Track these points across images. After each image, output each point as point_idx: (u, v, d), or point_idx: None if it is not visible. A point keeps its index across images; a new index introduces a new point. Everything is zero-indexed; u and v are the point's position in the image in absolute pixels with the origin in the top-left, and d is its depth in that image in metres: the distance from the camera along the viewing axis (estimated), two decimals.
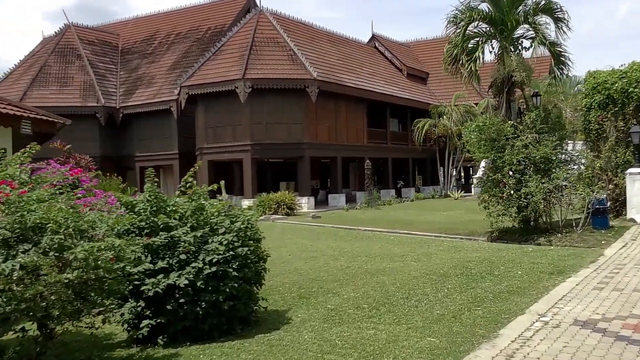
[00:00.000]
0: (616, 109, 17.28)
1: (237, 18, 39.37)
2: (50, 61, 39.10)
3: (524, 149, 15.18)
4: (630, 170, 16.72)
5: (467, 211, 23.38)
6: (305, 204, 31.19)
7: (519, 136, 15.53)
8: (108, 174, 35.61)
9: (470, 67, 15.74)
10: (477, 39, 16.15)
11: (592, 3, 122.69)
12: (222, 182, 29.35)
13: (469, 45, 16.27)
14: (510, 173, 15.12)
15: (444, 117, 38.07)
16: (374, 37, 47.43)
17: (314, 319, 7.56)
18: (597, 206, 15.01)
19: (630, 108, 17.16)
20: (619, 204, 17.17)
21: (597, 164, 16.77)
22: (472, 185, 33.61)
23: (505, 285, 9.15)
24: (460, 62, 16.09)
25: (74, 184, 7.54)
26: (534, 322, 6.93)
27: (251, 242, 7.23)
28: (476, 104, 37.55)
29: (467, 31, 16.23)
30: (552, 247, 13.27)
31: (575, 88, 35.89)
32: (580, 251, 12.48)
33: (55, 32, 42.64)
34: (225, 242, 6.85)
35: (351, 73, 36.94)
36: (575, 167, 16.23)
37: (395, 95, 39.69)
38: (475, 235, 16.94)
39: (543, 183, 14.73)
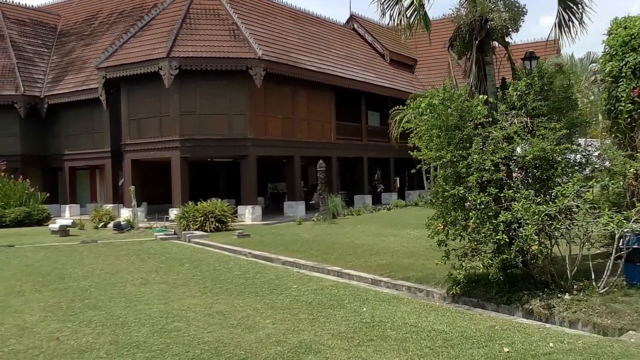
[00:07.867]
0: None
1: None
2: None
3: (505, 144, 8.71)
4: None
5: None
6: (248, 215, 24.75)
7: (498, 122, 9.07)
8: (16, 177, 29.92)
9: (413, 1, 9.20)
10: None
11: None
12: (133, 188, 22.92)
13: None
14: (482, 185, 8.66)
15: None
16: (352, 18, 40.74)
17: None
18: (636, 246, 8.45)
19: None
20: None
21: (632, 170, 10.08)
22: None
23: None
24: None
25: None
26: None
27: None
28: None
29: None
30: (548, 332, 6.70)
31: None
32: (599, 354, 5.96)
33: None
34: None
35: (315, 55, 30.30)
36: (596, 173, 9.68)
37: (371, 82, 33.05)
38: (432, 283, 10.48)
39: (539, 204, 8.27)
